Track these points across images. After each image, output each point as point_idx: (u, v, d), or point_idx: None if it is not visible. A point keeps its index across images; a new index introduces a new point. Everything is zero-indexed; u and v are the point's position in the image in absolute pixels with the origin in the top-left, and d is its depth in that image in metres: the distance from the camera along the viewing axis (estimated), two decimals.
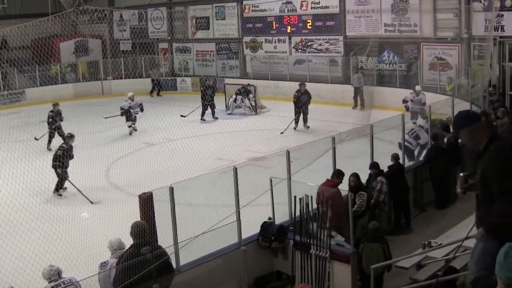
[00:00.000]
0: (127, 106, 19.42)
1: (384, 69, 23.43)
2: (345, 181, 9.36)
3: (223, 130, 18.31)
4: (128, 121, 19.39)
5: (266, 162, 11.83)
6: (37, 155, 15.57)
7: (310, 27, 25.45)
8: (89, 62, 30.84)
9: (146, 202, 7.52)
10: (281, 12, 26.46)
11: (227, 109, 22.88)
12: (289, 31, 26.33)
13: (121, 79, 29.45)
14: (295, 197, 8.57)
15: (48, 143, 17.30)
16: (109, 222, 10.09)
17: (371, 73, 23.18)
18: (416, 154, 12.92)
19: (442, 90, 19.77)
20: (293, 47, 26.34)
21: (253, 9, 27.40)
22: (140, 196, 7.67)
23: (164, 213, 7.50)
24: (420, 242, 8.68)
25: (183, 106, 23.10)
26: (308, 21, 25.50)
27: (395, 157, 10.82)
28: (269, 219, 8.74)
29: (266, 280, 8.52)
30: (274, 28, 26.83)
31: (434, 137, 12.25)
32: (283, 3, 26.24)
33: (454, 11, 20.90)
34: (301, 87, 19.37)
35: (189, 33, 30.51)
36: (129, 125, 19.36)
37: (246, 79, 26.04)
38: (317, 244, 8.09)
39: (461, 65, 20.33)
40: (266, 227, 8.53)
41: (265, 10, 26.97)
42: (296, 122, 19.01)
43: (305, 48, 25.89)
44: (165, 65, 31.23)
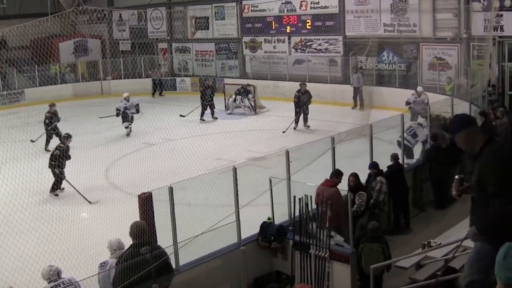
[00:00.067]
0: (123, 107, 19.28)
1: (383, 69, 23.43)
2: (344, 181, 9.35)
3: (222, 130, 18.30)
4: (124, 122, 19.25)
5: (265, 162, 11.84)
6: (36, 155, 15.57)
7: (310, 27, 25.45)
8: (88, 62, 30.84)
9: (146, 202, 7.52)
10: (281, 12, 26.46)
11: (226, 109, 22.89)
12: (288, 31, 26.33)
13: (121, 79, 29.42)
14: (294, 197, 8.57)
15: (46, 144, 17.21)
16: (108, 222, 10.08)
17: (370, 73, 23.17)
18: (420, 151, 12.91)
19: (442, 90, 19.75)
20: (293, 47, 26.33)
21: (252, 9, 27.40)
22: (139, 196, 7.66)
23: (163, 213, 7.49)
24: (419, 242, 8.69)
25: (182, 106, 23.09)
26: (308, 21, 25.50)
27: (394, 157, 10.83)
28: (269, 219, 8.74)
29: (265, 280, 8.52)
30: (273, 28, 26.83)
31: (434, 137, 12.25)
32: (282, 3, 26.24)
33: (453, 11, 20.91)
34: (302, 87, 19.38)
35: (188, 33, 30.50)
36: (125, 126, 19.23)
37: (245, 79, 26.02)
38: (316, 244, 8.09)
39: (460, 65, 20.32)
40: (266, 227, 8.53)
41: (264, 10, 26.97)
42: (296, 122, 19.03)
43: (304, 48, 25.89)
44: (164, 65, 31.22)
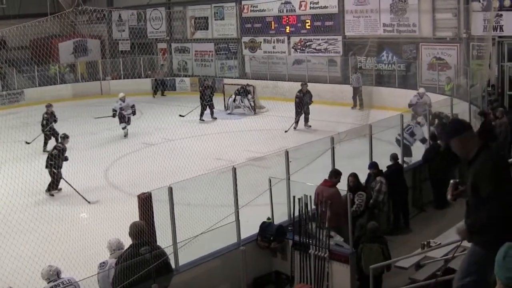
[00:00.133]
0: (118, 107, 19.14)
1: (383, 69, 23.43)
2: (343, 181, 9.35)
3: (222, 130, 18.30)
4: (121, 123, 19.13)
5: (265, 162, 11.83)
6: (36, 155, 15.57)
7: (309, 27, 25.45)
8: (88, 62, 30.84)
9: (145, 202, 7.52)
10: (280, 12, 26.46)
11: (226, 109, 22.89)
12: (288, 31, 26.34)
13: (120, 79, 29.42)
14: (294, 197, 8.56)
15: (44, 145, 17.04)
16: (108, 222, 10.10)
17: (370, 73, 23.21)
18: (419, 149, 12.87)
19: (441, 90, 19.75)
20: (292, 47, 26.33)
21: (252, 9, 27.40)
22: (139, 196, 7.66)
23: (163, 213, 7.49)
24: (419, 242, 8.69)
25: (182, 106, 23.10)
26: (307, 21, 25.50)
27: (394, 157, 10.83)
28: (268, 219, 8.74)
29: (265, 280, 8.51)
30: (273, 28, 26.83)
31: (433, 137, 12.25)
32: (282, 3, 26.24)
33: (453, 11, 20.92)
34: (303, 87, 19.39)
35: (188, 33, 30.50)
36: (123, 127, 19.10)
37: (245, 79, 26.04)
38: (316, 244, 8.09)
39: (460, 65, 20.32)
40: (265, 227, 8.52)
41: (264, 10, 26.97)
42: (296, 122, 19.02)
43: (304, 48, 25.89)
44: (163, 65, 31.20)
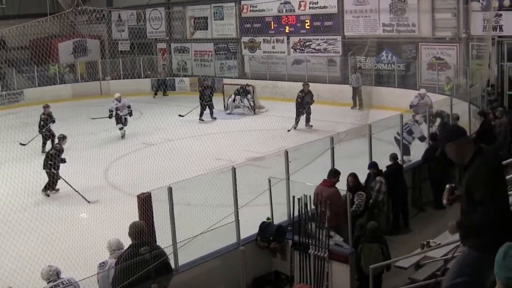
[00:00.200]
0: (114, 107, 19.00)
1: (382, 69, 23.43)
2: (343, 181, 9.36)
3: (221, 130, 18.31)
4: (118, 123, 18.99)
5: (264, 162, 11.83)
6: (35, 155, 15.57)
7: (308, 27, 25.44)
8: (87, 62, 30.84)
9: (145, 202, 7.52)
10: (279, 12, 26.46)
11: (225, 109, 22.89)
12: (287, 31, 26.33)
13: (120, 79, 29.44)
14: (293, 197, 8.55)
15: (43, 146, 16.93)
16: (107, 222, 10.08)
17: (369, 73, 23.22)
18: (418, 148, 12.86)
19: (441, 90, 19.75)
20: (291, 47, 26.32)
21: (251, 9, 27.40)
22: (138, 196, 7.66)
23: (162, 213, 7.48)
24: (418, 242, 8.69)
25: (181, 106, 23.10)
26: (306, 21, 25.49)
27: (393, 157, 10.84)
28: (268, 219, 8.74)
29: (264, 280, 8.51)
30: (272, 28, 26.83)
31: (433, 137, 12.25)
32: (281, 3, 26.23)
33: (452, 11, 20.92)
34: (304, 87, 19.39)
35: (187, 33, 30.49)
36: (119, 127, 18.97)
37: (244, 79, 26.02)
38: (315, 244, 8.09)
39: (459, 65, 20.32)
40: (265, 227, 8.52)
41: (263, 10, 26.97)
42: (297, 122, 19.03)
43: (303, 48, 25.88)
44: (165, 65, 31.20)
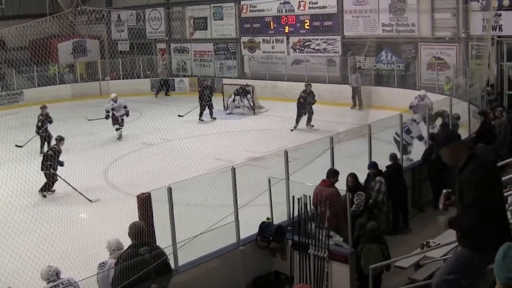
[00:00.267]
0: (110, 107, 18.87)
1: (382, 69, 23.42)
2: (342, 181, 9.36)
3: (221, 130, 18.31)
4: (115, 124, 18.86)
5: (264, 162, 11.84)
6: (35, 155, 15.59)
7: (308, 27, 25.44)
8: (87, 62, 30.85)
9: (145, 203, 7.52)
10: (279, 12, 26.45)
11: (225, 109, 22.89)
12: (287, 31, 26.32)
13: (119, 79, 29.41)
14: (293, 197, 8.56)
15: (41, 147, 16.90)
16: (107, 222, 10.08)
17: (369, 73, 23.22)
18: (417, 148, 12.86)
19: (440, 90, 19.75)
20: (291, 47, 26.31)
21: (250, 9, 27.39)
22: (138, 197, 7.66)
23: (162, 213, 7.49)
24: (418, 242, 8.69)
25: (181, 106, 23.10)
26: (306, 21, 25.49)
27: (393, 157, 10.84)
28: (268, 219, 8.74)
29: (264, 280, 8.51)
30: (272, 28, 26.82)
31: (432, 137, 12.23)
32: (280, 3, 26.22)
33: (452, 10, 20.92)
34: (307, 87, 19.40)
35: (187, 34, 30.48)
36: (116, 128, 18.86)
37: (244, 79, 26.02)
38: (315, 244, 8.09)
39: (459, 64, 20.33)
40: (265, 227, 8.52)
41: (262, 10, 26.96)
42: (297, 122, 19.02)
43: (303, 48, 25.88)
44: (166, 65, 31.21)
